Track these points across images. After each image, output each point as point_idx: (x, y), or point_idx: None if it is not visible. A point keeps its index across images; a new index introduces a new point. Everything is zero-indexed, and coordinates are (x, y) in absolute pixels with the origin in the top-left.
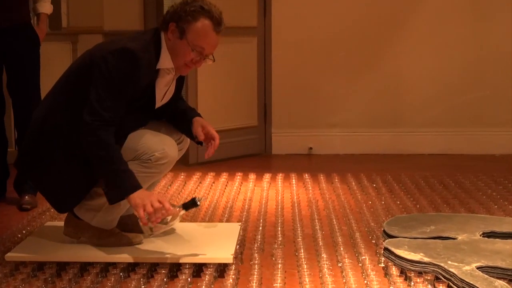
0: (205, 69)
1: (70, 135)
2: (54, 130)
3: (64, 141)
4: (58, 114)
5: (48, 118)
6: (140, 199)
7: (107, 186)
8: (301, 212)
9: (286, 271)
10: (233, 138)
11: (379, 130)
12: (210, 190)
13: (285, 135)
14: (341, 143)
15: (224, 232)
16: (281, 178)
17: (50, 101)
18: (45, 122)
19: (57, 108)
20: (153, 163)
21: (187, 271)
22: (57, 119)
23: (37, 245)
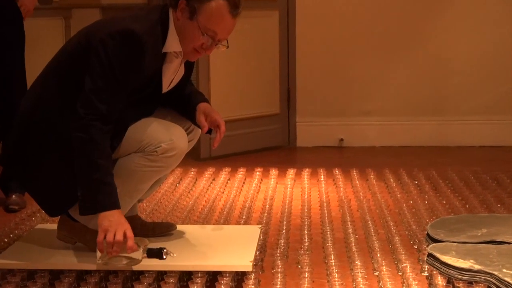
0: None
1: (62, 130)
2: (43, 124)
3: (55, 136)
4: (48, 105)
5: (36, 109)
6: (108, 222)
7: (83, 194)
8: (330, 213)
9: (314, 280)
10: (252, 129)
11: (421, 118)
12: (225, 188)
13: (312, 125)
14: (377, 134)
15: (242, 236)
16: (308, 174)
17: (39, 89)
18: (34, 113)
19: (47, 97)
20: (160, 156)
21: (199, 281)
22: (47, 111)
23: (26, 251)
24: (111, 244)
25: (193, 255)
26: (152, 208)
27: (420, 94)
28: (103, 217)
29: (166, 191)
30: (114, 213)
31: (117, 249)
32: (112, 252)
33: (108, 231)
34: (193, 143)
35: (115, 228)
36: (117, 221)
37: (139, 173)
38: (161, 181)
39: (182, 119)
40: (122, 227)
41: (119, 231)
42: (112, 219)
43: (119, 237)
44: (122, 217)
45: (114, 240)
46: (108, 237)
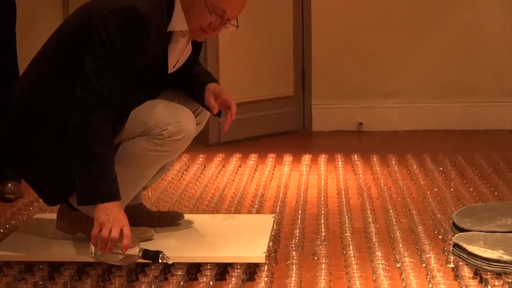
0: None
1: (61, 114)
2: (40, 109)
3: (52, 121)
4: (45, 89)
5: (32, 93)
6: (105, 216)
7: (80, 183)
8: (349, 202)
9: (332, 273)
10: (264, 112)
11: (447, 100)
12: (235, 175)
13: (329, 108)
14: (399, 117)
15: (254, 225)
16: (324, 160)
17: (35, 72)
18: (29, 99)
19: (44, 81)
20: (166, 139)
21: (208, 273)
22: (44, 96)
23: (24, 242)
24: (105, 240)
25: (202, 246)
26: (157, 197)
27: (446, 74)
28: (100, 210)
29: (172, 179)
30: (113, 206)
31: (111, 246)
32: (105, 248)
33: (104, 226)
34: (201, 126)
35: (112, 223)
36: (115, 216)
37: (143, 158)
38: (167, 168)
39: (189, 101)
40: (119, 224)
41: (115, 228)
42: (110, 213)
43: (115, 234)
44: (121, 212)
45: (109, 237)
46: (103, 232)
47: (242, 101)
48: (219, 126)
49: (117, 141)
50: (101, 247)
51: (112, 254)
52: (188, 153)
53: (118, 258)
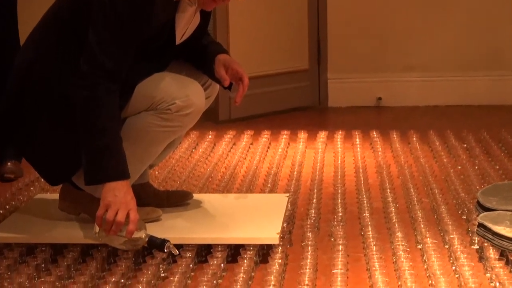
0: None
1: (63, 89)
2: (41, 84)
3: (55, 96)
4: (46, 62)
5: (33, 67)
6: (112, 197)
7: (87, 161)
8: (367, 181)
9: (349, 255)
10: (277, 87)
11: (471, 73)
12: (247, 153)
13: (346, 82)
14: (420, 92)
15: (267, 205)
16: (341, 138)
17: (36, 45)
18: (30, 73)
19: (45, 53)
20: (174, 114)
21: (219, 255)
22: (45, 69)
23: (25, 224)
24: (110, 223)
25: (213, 226)
26: (165, 176)
27: (470, 45)
28: (108, 189)
29: (180, 157)
30: (121, 186)
31: (116, 229)
32: (109, 231)
33: (110, 208)
34: (210, 100)
35: (119, 206)
36: (123, 198)
37: (150, 134)
38: (175, 145)
39: (198, 74)
40: (126, 207)
41: (122, 211)
42: (117, 194)
43: (120, 218)
44: (130, 194)
45: (114, 220)
46: (109, 215)
47: (254, 75)
48: (230, 101)
49: (122, 116)
50: (105, 229)
51: (116, 237)
52: (197, 130)
53: (122, 241)
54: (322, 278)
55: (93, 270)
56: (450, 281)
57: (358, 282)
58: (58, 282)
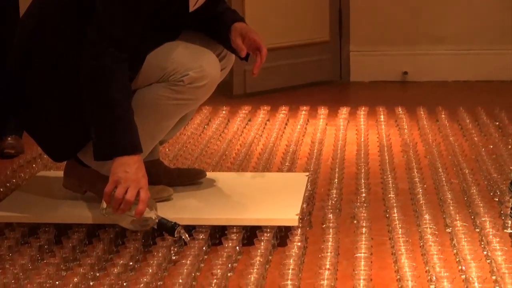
0: None
1: (68, 58)
2: (44, 54)
3: (59, 66)
4: (50, 32)
5: (35, 36)
6: (123, 173)
7: (97, 135)
8: (392, 160)
9: (373, 238)
10: (295, 59)
11: (505, 47)
12: (263, 130)
13: (369, 55)
14: (450, 66)
15: (285, 185)
16: (364, 114)
17: (38, 12)
18: (32, 42)
19: (48, 22)
20: (187, 86)
21: (234, 237)
22: (49, 39)
23: (27, 202)
24: (119, 201)
25: (227, 207)
26: (176, 153)
27: (503, 16)
28: (118, 165)
29: (192, 134)
30: (133, 162)
31: (124, 208)
32: (118, 209)
33: (120, 185)
34: (226, 71)
35: (129, 183)
36: (134, 175)
37: (161, 107)
38: (186, 120)
39: (212, 43)
40: (137, 185)
41: (132, 188)
42: (128, 170)
43: (130, 197)
44: (142, 170)
45: (124, 198)
46: (118, 192)
47: (271, 47)
48: (245, 74)
49: (132, 88)
50: (113, 207)
51: (124, 215)
52: (210, 105)
53: (130, 220)
54: (344, 262)
55: (99, 252)
56: (482, 266)
57: (383, 267)
58: (62, 265)
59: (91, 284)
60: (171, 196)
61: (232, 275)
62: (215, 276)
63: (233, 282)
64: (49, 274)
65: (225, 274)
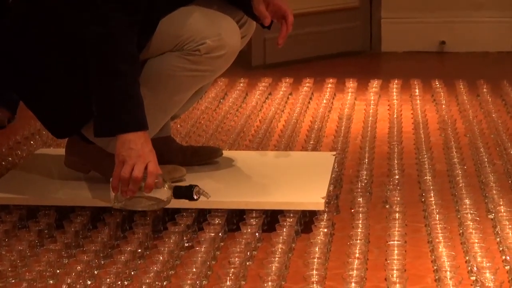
0: None
1: (70, 23)
2: (44, 16)
3: (60, 32)
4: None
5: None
6: (127, 151)
7: (98, 109)
8: (429, 138)
9: (407, 224)
10: (321, 27)
11: None
12: (285, 104)
13: (403, 22)
14: (492, 35)
15: (310, 165)
16: (397, 88)
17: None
18: (31, 6)
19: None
20: (204, 56)
21: (254, 222)
22: (48, 1)
23: (25, 183)
24: (126, 181)
25: (246, 189)
26: (188, 130)
27: None
28: (122, 143)
29: (207, 108)
30: (138, 138)
31: (134, 187)
32: (126, 191)
33: (126, 163)
34: (246, 40)
35: (135, 160)
36: (140, 151)
37: (175, 79)
38: (200, 94)
39: (231, 9)
40: (144, 160)
41: (139, 165)
42: (133, 147)
43: (137, 173)
44: (148, 145)
45: (131, 176)
46: (124, 171)
47: (294, 13)
48: (265, 44)
49: (143, 58)
50: (122, 190)
51: (138, 199)
52: (226, 77)
53: (143, 203)
54: (375, 251)
55: (105, 237)
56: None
57: (418, 256)
58: (64, 251)
59: (96, 273)
60: (183, 176)
61: (251, 264)
62: (232, 265)
63: (252, 271)
64: (49, 262)
65: (243, 263)
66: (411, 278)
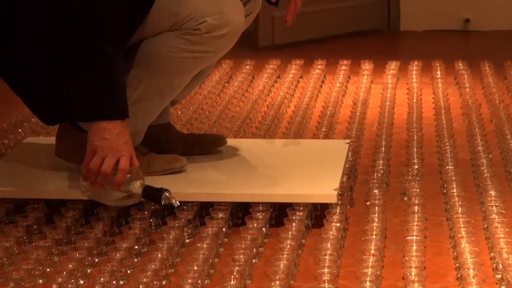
0: None
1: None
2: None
3: (48, 12)
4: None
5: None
6: (100, 141)
7: (76, 90)
8: (451, 125)
9: (427, 218)
10: (334, 4)
11: None
12: (295, 88)
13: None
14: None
15: (322, 154)
16: (417, 70)
17: None
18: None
19: None
20: (204, 36)
21: (260, 216)
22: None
23: (12, 174)
24: (94, 173)
25: (252, 180)
26: (189, 116)
27: None
28: (96, 130)
29: (210, 93)
30: (113, 127)
31: (102, 181)
32: (94, 183)
33: (96, 154)
34: (251, 18)
35: (106, 152)
36: (113, 142)
37: (173, 61)
38: (202, 77)
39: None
40: (116, 153)
41: (110, 158)
42: (108, 137)
43: (106, 168)
44: (124, 137)
45: (100, 170)
46: (93, 162)
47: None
48: (273, 22)
49: (138, 38)
50: (89, 181)
51: (106, 191)
52: (231, 59)
53: (114, 196)
54: (392, 247)
55: (99, 233)
56: None
57: (439, 252)
58: (55, 248)
59: (89, 272)
60: (184, 167)
61: (258, 261)
62: (237, 263)
63: (258, 269)
64: (38, 260)
65: (249, 261)
66: (431, 276)
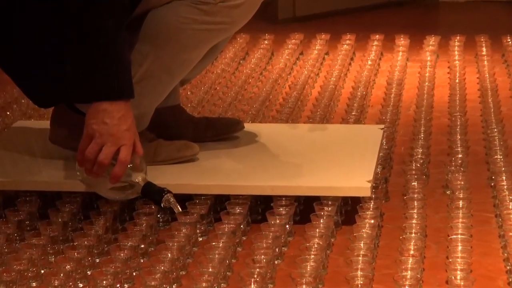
0: None
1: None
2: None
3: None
4: None
5: None
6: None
7: (73, 68)
8: (499, 108)
9: (474, 214)
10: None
11: None
12: (320, 66)
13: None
14: None
15: (353, 141)
16: (459, 46)
17: None
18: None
19: None
20: (218, 5)
21: (284, 211)
22: None
23: (1, 163)
24: (90, 161)
25: (273, 170)
26: (201, 97)
27: None
28: (95, 112)
29: (224, 71)
30: (116, 110)
31: (98, 171)
32: (90, 171)
33: (94, 140)
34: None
35: (105, 139)
36: (113, 128)
37: (184, 34)
38: (216, 52)
39: None
40: (116, 141)
41: (108, 147)
42: (108, 121)
43: (103, 159)
44: (127, 121)
45: (97, 159)
46: (89, 150)
47: None
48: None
49: (144, 8)
50: (85, 168)
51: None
52: (247, 33)
53: (108, 186)
54: (433, 246)
55: (100, 230)
56: None
57: (487, 252)
58: (50, 246)
59: (89, 274)
60: (196, 155)
61: (281, 262)
62: (257, 264)
63: (282, 272)
64: (32, 260)
65: (271, 262)
66: (479, 280)
